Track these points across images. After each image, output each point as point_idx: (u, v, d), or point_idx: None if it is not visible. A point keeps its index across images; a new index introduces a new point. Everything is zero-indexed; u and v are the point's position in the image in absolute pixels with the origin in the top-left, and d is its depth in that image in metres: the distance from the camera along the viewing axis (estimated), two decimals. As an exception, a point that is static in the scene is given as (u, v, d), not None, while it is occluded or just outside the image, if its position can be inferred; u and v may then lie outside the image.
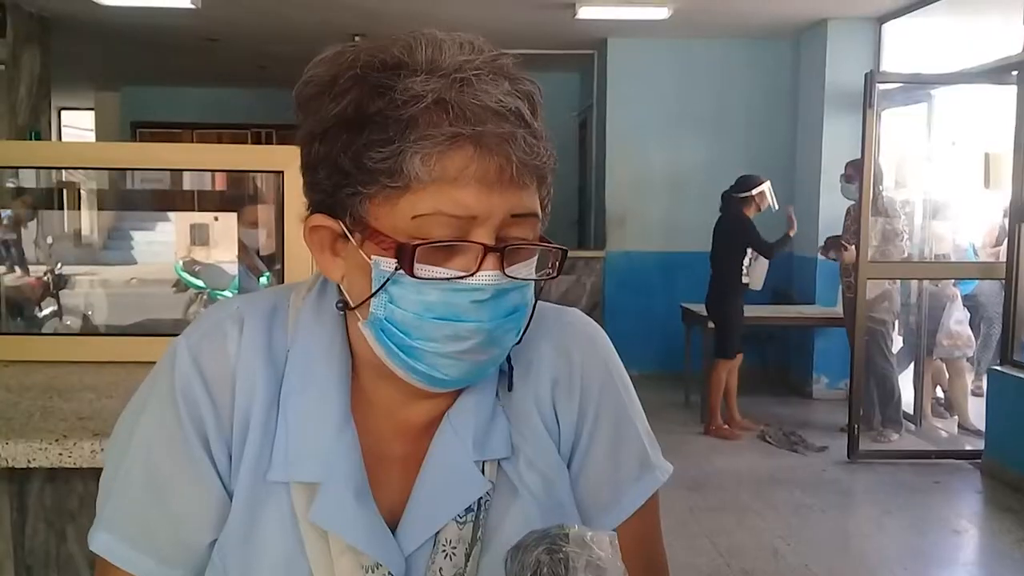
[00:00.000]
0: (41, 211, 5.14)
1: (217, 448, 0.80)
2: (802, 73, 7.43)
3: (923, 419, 6.13)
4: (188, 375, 0.80)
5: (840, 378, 6.71)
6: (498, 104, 0.72)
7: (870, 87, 5.11)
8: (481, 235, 0.74)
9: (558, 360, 0.88)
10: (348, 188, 0.75)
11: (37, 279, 4.10)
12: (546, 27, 7.09)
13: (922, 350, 6.15)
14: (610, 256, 7.76)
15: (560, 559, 0.65)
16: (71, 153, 2.30)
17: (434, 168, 0.72)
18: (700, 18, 6.83)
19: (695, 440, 5.83)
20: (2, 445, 1.54)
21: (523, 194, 0.75)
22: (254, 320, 0.83)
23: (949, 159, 6.33)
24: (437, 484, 0.80)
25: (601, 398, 0.89)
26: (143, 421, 0.82)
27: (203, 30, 7.32)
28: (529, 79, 0.77)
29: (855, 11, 6.62)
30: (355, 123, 0.73)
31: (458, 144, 0.72)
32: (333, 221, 0.78)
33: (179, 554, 0.80)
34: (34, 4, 6.54)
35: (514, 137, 0.73)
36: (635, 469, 0.89)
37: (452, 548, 0.79)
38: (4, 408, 1.75)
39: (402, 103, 0.72)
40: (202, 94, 11.07)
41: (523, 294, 0.79)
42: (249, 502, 0.79)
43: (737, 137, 7.57)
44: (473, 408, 0.83)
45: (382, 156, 0.72)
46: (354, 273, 0.79)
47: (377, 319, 0.77)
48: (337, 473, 0.78)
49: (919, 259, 6.02)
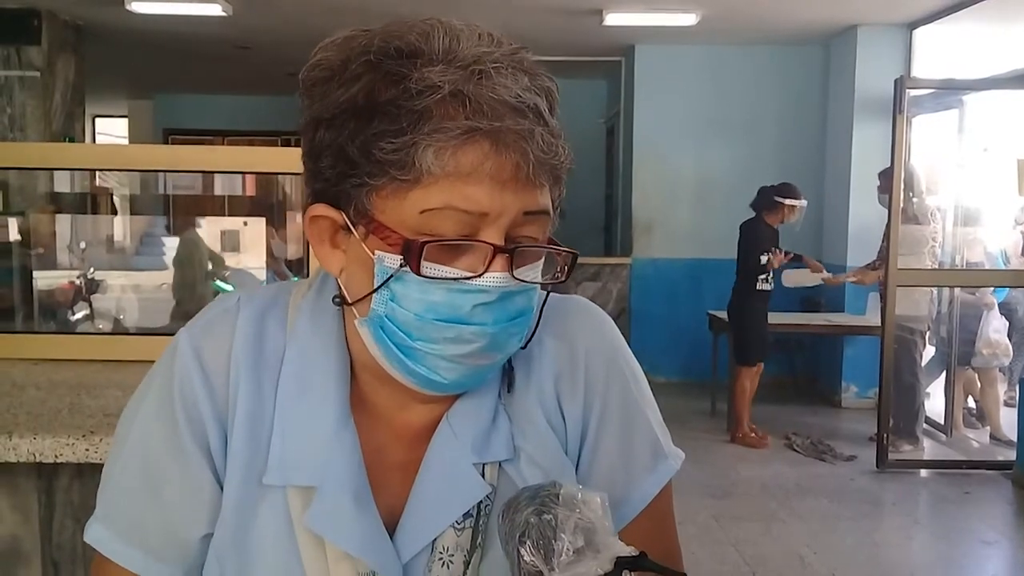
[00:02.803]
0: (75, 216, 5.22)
1: (215, 441, 0.78)
2: (831, 80, 7.37)
3: (954, 429, 6.04)
4: (188, 367, 0.78)
5: (869, 387, 6.63)
6: (516, 99, 0.69)
7: (900, 92, 5.06)
8: (491, 234, 0.71)
9: (560, 352, 0.84)
10: (354, 179, 0.71)
11: (70, 283, 4.16)
12: (574, 33, 7.10)
13: (953, 359, 6.07)
14: (636, 263, 7.73)
15: (548, 521, 0.63)
16: (104, 155, 2.34)
17: (447, 162, 0.68)
18: (728, 25, 6.80)
19: (721, 448, 5.79)
20: (30, 440, 1.56)
21: (537, 193, 0.72)
22: (249, 314, 0.81)
23: (981, 166, 6.25)
24: (435, 488, 0.77)
25: (607, 389, 0.85)
26: (141, 413, 0.80)
27: (235, 38, 7.40)
28: (548, 75, 0.74)
29: (885, 17, 6.56)
30: (365, 111, 0.70)
31: (474, 139, 0.68)
32: (335, 212, 0.75)
33: (170, 548, 0.78)
34: (68, 12, 6.64)
35: (532, 134, 0.69)
36: (647, 459, 0.85)
37: (449, 556, 0.76)
38: (33, 404, 1.78)
39: (417, 93, 0.68)
40: (233, 102, 11.19)
41: (529, 298, 0.76)
42: (244, 504, 0.77)
43: (766, 144, 7.52)
44: (473, 409, 0.80)
45: (393, 147, 0.68)
46: (354, 267, 0.75)
47: (377, 317, 0.74)
48: (334, 477, 0.76)
49: (950, 267, 5.96)
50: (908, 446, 5.62)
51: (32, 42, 6.46)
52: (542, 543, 0.63)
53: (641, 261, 7.73)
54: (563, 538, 0.63)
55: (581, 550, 0.63)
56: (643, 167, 7.72)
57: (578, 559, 0.63)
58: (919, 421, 5.69)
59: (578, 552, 0.63)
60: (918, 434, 5.67)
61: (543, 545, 0.63)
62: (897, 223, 5.15)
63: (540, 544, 0.63)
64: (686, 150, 7.60)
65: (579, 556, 0.63)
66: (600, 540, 0.64)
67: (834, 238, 7.16)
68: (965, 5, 5.92)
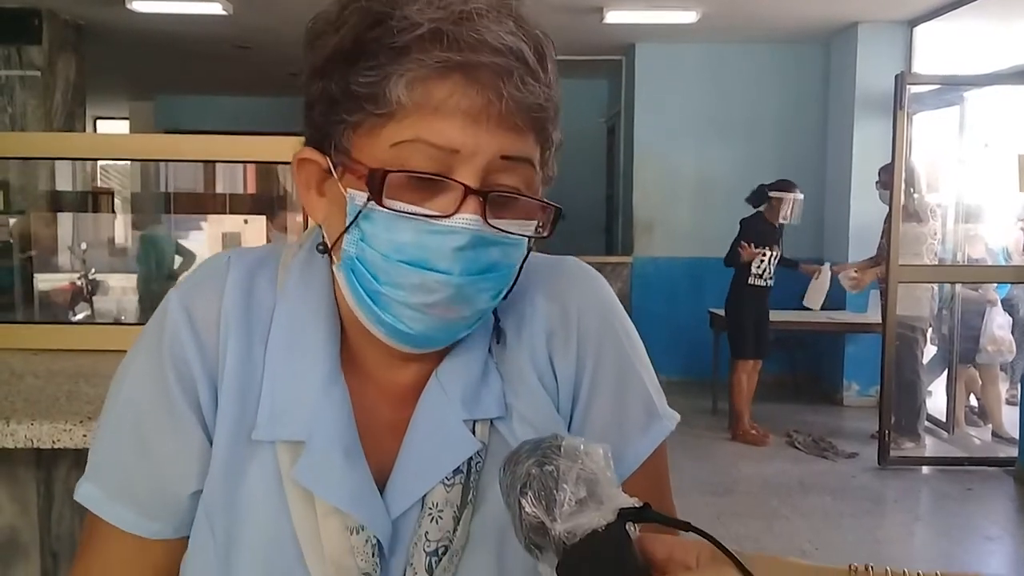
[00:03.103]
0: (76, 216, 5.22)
1: (204, 398, 0.77)
2: (832, 77, 7.37)
3: (956, 426, 6.03)
4: (177, 325, 0.78)
5: (871, 385, 6.62)
6: (498, 40, 0.68)
7: (901, 88, 5.05)
8: (464, 175, 0.69)
9: (552, 310, 0.83)
10: (335, 116, 0.71)
11: (71, 284, 4.16)
12: (574, 32, 7.10)
13: (955, 356, 6.06)
14: (638, 262, 7.72)
15: (550, 472, 0.62)
16: (103, 144, 2.33)
17: (418, 93, 0.68)
18: (728, 22, 6.80)
19: (723, 446, 5.78)
20: (28, 426, 1.56)
21: (516, 136, 0.70)
22: (239, 272, 0.80)
23: (982, 162, 6.24)
24: (425, 444, 0.76)
25: (600, 348, 0.83)
26: (131, 372, 0.80)
27: (235, 37, 7.41)
28: (540, 26, 0.73)
29: (885, 15, 6.56)
30: (351, 53, 0.70)
31: (447, 72, 0.68)
32: (320, 155, 0.74)
33: (160, 505, 0.77)
34: (69, 11, 6.65)
35: (509, 72, 0.68)
36: (641, 418, 0.84)
37: (439, 511, 0.75)
38: (31, 392, 1.77)
39: (398, 31, 0.68)
40: (235, 103, 11.19)
41: (506, 252, 0.74)
42: (233, 461, 0.76)
43: (766, 142, 7.52)
44: (462, 366, 0.79)
45: (368, 81, 0.68)
46: (333, 210, 0.75)
47: (349, 258, 0.73)
48: (323, 431, 0.75)
49: (951, 263, 5.95)
50: (910, 443, 5.60)
51: (33, 41, 6.47)
52: (544, 494, 0.62)
53: (642, 260, 7.73)
54: (565, 489, 0.62)
55: (583, 501, 0.62)
56: (644, 166, 7.72)
57: (580, 510, 0.62)
58: (921, 419, 5.68)
59: (580, 503, 0.62)
60: (920, 431, 5.65)
61: (545, 496, 0.62)
62: (898, 219, 5.15)
63: (542, 495, 0.62)
64: (687, 149, 7.60)
65: (581, 507, 0.62)
66: (603, 491, 0.63)
67: (835, 235, 7.15)
68: (964, 2, 5.93)
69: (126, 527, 0.78)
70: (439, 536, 0.74)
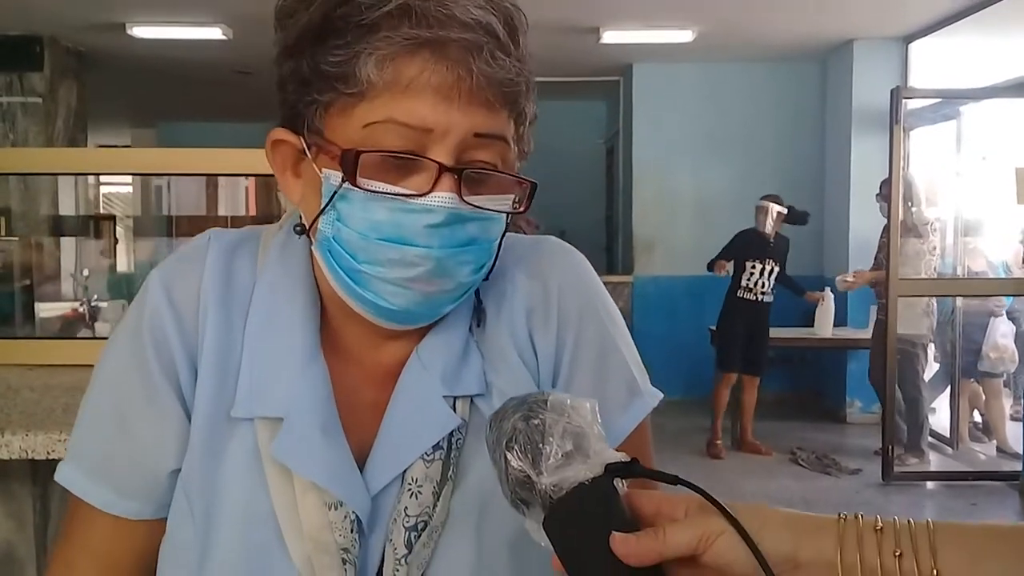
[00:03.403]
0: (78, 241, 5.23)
1: (184, 375, 0.77)
2: (829, 94, 7.41)
3: (960, 442, 6.00)
4: (158, 302, 0.78)
5: (874, 401, 6.59)
6: (466, 15, 0.68)
7: (896, 103, 5.08)
8: (437, 153, 0.69)
9: (532, 288, 0.83)
10: (307, 96, 0.71)
11: (73, 311, 4.16)
12: (572, 53, 7.14)
13: (957, 371, 6.04)
14: (638, 281, 7.73)
15: (536, 426, 0.61)
16: (104, 159, 2.34)
17: (387, 72, 0.68)
18: (724, 41, 6.84)
19: (726, 463, 5.75)
20: (23, 436, 1.56)
21: (488, 113, 0.70)
22: (217, 249, 0.81)
23: (980, 175, 6.26)
24: (405, 420, 0.76)
25: (581, 324, 0.83)
26: (112, 352, 0.80)
27: (235, 63, 7.46)
28: (511, 1, 0.73)
29: (880, 31, 6.61)
30: (320, 31, 0.70)
31: (414, 48, 0.68)
32: (294, 136, 0.74)
33: (139, 485, 0.77)
34: (70, 39, 6.71)
35: (478, 47, 0.68)
36: (622, 395, 0.83)
37: (419, 487, 0.74)
38: (27, 405, 1.77)
39: (366, 8, 0.68)
40: (235, 129, 11.23)
41: (484, 227, 0.74)
42: (212, 438, 0.76)
43: (765, 159, 7.54)
44: (443, 343, 0.79)
45: (337, 60, 0.68)
46: (309, 192, 0.75)
47: (325, 239, 0.73)
48: (302, 408, 0.74)
49: (952, 276, 5.95)
50: (914, 459, 5.57)
51: (34, 68, 6.53)
52: (530, 448, 0.61)
53: (643, 279, 7.73)
54: (551, 442, 0.61)
55: (570, 454, 0.61)
56: (643, 186, 7.74)
57: (567, 463, 0.61)
58: (924, 434, 5.65)
59: (567, 456, 0.61)
60: (924, 447, 5.63)
61: (531, 450, 0.61)
62: (897, 234, 5.15)
63: (528, 449, 0.61)
64: (686, 168, 7.62)
65: (568, 460, 0.61)
66: (590, 445, 0.62)
67: (835, 251, 7.16)
68: (959, 17, 5.96)
69: (106, 508, 0.78)
70: (418, 512, 0.74)
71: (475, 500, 0.76)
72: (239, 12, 5.89)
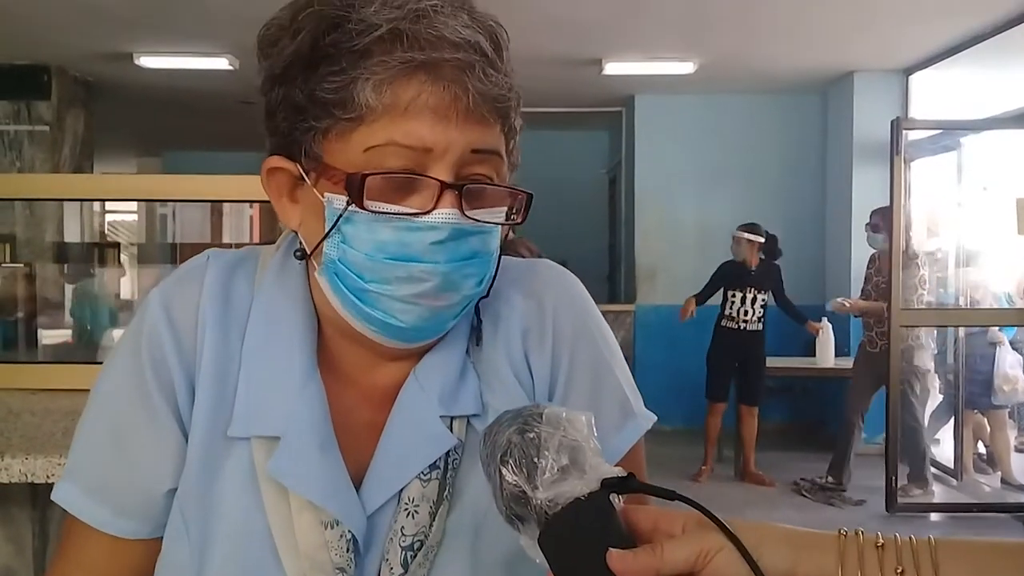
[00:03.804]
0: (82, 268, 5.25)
1: (182, 394, 0.77)
2: (830, 125, 7.45)
3: (964, 473, 5.96)
4: (156, 321, 0.78)
5: (877, 432, 6.55)
6: (455, 35, 0.70)
7: (897, 134, 5.11)
8: (438, 171, 0.71)
9: (528, 308, 0.84)
10: (303, 124, 0.72)
11: (76, 338, 4.19)
12: (574, 85, 7.20)
13: (961, 401, 6.01)
14: (640, 310, 7.73)
15: (532, 439, 0.60)
16: (109, 185, 2.35)
17: (386, 96, 0.69)
18: (725, 73, 6.89)
19: (729, 493, 5.72)
20: (23, 460, 1.56)
21: (483, 129, 0.72)
22: (216, 269, 0.81)
23: (981, 205, 6.27)
24: (402, 440, 0.76)
25: (575, 345, 0.84)
26: (110, 370, 0.80)
27: (241, 93, 7.51)
28: (492, 17, 0.75)
29: (880, 64, 6.66)
30: (311, 59, 0.71)
31: (411, 71, 0.69)
32: (291, 163, 0.75)
33: (136, 504, 0.77)
34: (78, 68, 6.78)
35: (471, 66, 0.70)
36: (616, 417, 0.83)
37: (415, 506, 0.74)
38: (27, 429, 1.77)
39: (356, 33, 0.69)
40: (240, 158, 11.24)
41: (484, 240, 0.75)
42: (209, 457, 0.76)
43: (766, 189, 7.57)
44: (441, 364, 0.79)
45: (334, 86, 0.69)
46: (310, 217, 0.76)
47: (331, 262, 0.74)
48: (299, 426, 0.75)
49: (954, 307, 5.94)
50: (918, 490, 5.54)
51: (42, 97, 6.59)
52: (525, 462, 0.60)
53: (644, 308, 7.73)
54: (547, 456, 0.60)
55: (566, 469, 0.60)
56: (645, 215, 7.77)
57: (563, 478, 0.60)
58: (927, 464, 5.62)
59: (563, 471, 0.60)
60: (927, 477, 5.59)
61: (526, 464, 0.60)
62: (899, 264, 5.15)
63: (523, 463, 0.60)
64: (687, 198, 7.65)
65: (564, 475, 0.60)
66: (586, 460, 0.61)
67: (837, 281, 7.15)
68: (958, 50, 6.01)
69: (102, 527, 0.77)
70: (415, 531, 0.74)
71: (471, 520, 0.76)
72: (246, 43, 5.86)
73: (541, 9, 5.12)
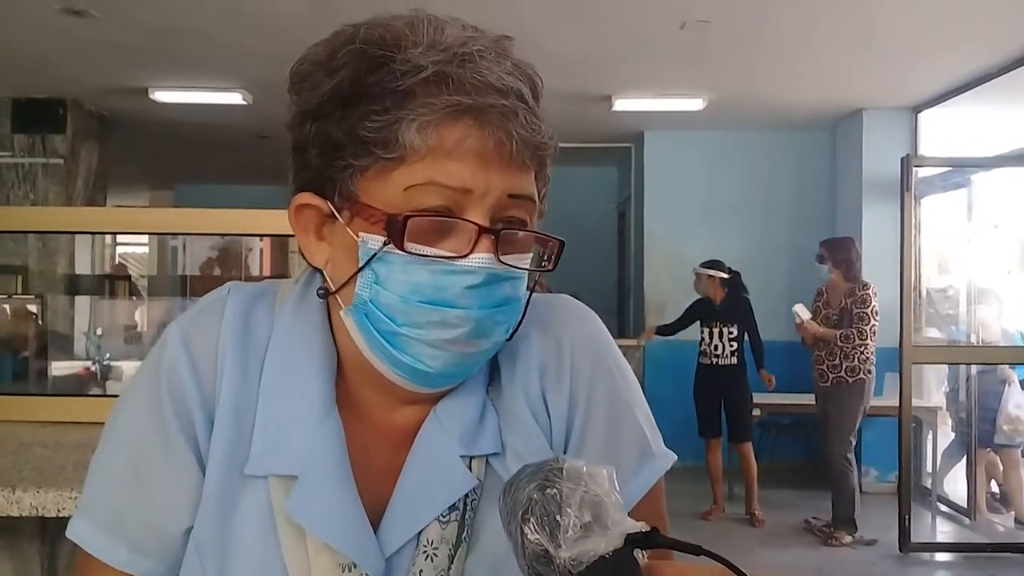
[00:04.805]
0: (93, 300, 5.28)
1: (201, 430, 0.76)
2: (839, 162, 7.46)
3: (977, 512, 5.89)
4: (176, 355, 0.77)
5: (890, 471, 6.50)
6: (500, 81, 0.70)
7: (907, 170, 5.12)
8: (476, 215, 0.70)
9: (545, 346, 0.82)
10: (340, 161, 0.71)
11: (85, 369, 4.19)
12: (585, 121, 7.25)
13: (974, 440, 5.96)
14: (649, 345, 7.70)
15: (552, 496, 0.59)
16: (121, 218, 2.38)
17: (430, 137, 0.68)
18: (734, 110, 6.93)
19: (740, 531, 5.66)
20: (34, 494, 1.55)
21: (522, 175, 0.72)
22: (236, 302, 0.80)
23: (991, 243, 6.26)
24: (421, 480, 0.75)
25: (593, 384, 0.82)
26: (128, 405, 0.79)
27: (254, 127, 7.59)
28: (531, 65, 0.75)
29: (889, 102, 6.68)
30: (351, 96, 0.70)
31: (457, 115, 0.69)
32: (321, 200, 0.74)
33: (153, 542, 0.76)
34: (93, 102, 6.85)
35: (515, 113, 0.70)
36: (634, 459, 0.82)
37: (434, 549, 0.73)
38: (39, 462, 1.77)
39: (401, 74, 0.69)
40: (252, 191, 11.35)
41: (515, 286, 0.75)
42: (225, 495, 0.74)
43: (775, 226, 7.57)
44: (461, 404, 0.78)
45: (377, 125, 0.69)
46: (340, 255, 0.75)
47: (362, 302, 0.73)
48: (317, 466, 0.73)
49: (966, 344, 5.91)
50: (848, 537, 5.39)
51: (57, 130, 6.66)
52: (546, 520, 0.58)
53: (653, 343, 7.70)
54: (569, 513, 0.58)
55: (589, 525, 0.58)
56: (654, 250, 7.77)
57: (586, 535, 0.58)
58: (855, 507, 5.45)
59: (585, 528, 0.58)
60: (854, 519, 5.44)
61: (548, 522, 0.58)
62: (911, 300, 5.15)
63: (544, 521, 0.58)
64: (696, 233, 7.65)
65: (587, 532, 0.58)
66: (608, 515, 0.59)
67: (848, 319, 7.12)
68: (967, 88, 6.03)
69: (119, 565, 0.76)
70: (434, 574, 0.73)
71: (490, 562, 0.75)
72: (260, 78, 6.02)
73: (552, 46, 5.18)
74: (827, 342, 5.38)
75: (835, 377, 5.38)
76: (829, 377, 5.41)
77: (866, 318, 5.27)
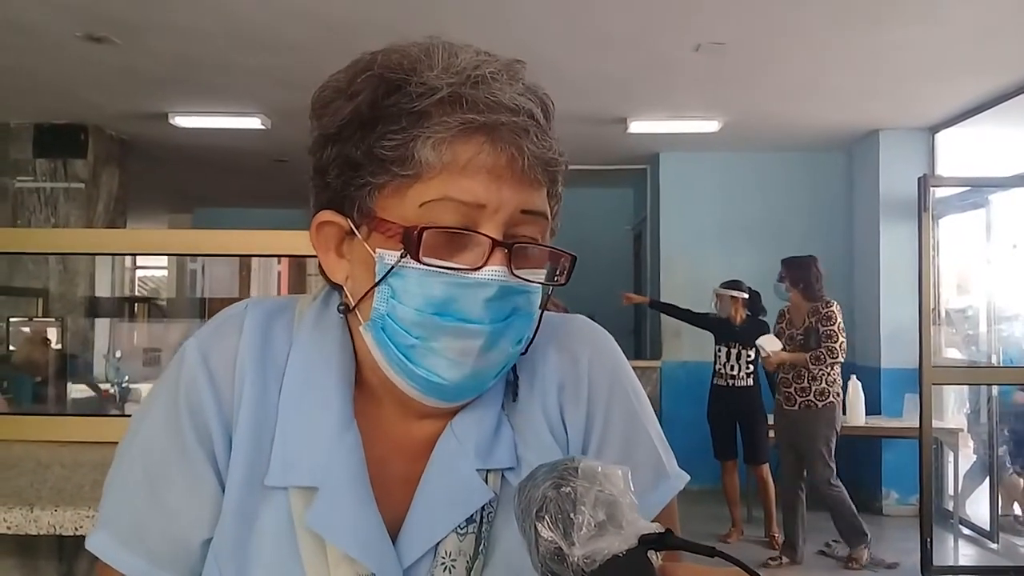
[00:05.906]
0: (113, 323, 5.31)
1: (219, 444, 0.78)
2: (856, 183, 7.44)
3: (1000, 534, 5.81)
4: (194, 369, 0.79)
5: (911, 493, 6.43)
6: (512, 101, 0.73)
7: (924, 190, 5.10)
8: (488, 228, 0.73)
9: (564, 364, 0.85)
10: (358, 180, 0.74)
11: (105, 392, 4.22)
12: (600, 142, 7.27)
13: (995, 462, 5.89)
14: (666, 366, 7.68)
15: (567, 494, 0.59)
16: (140, 240, 2.40)
17: (445, 154, 0.71)
18: (750, 131, 6.93)
19: (759, 554, 5.60)
20: (52, 512, 1.57)
21: (534, 191, 0.75)
22: (255, 318, 0.82)
23: (1011, 263, 6.21)
24: (439, 493, 0.77)
25: (610, 403, 0.84)
26: (147, 419, 0.80)
27: (273, 151, 7.66)
28: (542, 88, 0.78)
29: (906, 122, 6.66)
30: (369, 119, 0.74)
31: (471, 132, 0.72)
32: (341, 217, 0.77)
33: (172, 554, 0.77)
34: (114, 127, 6.94)
35: (526, 130, 0.73)
36: (649, 478, 0.83)
37: (452, 560, 0.75)
38: (57, 481, 1.79)
39: (417, 96, 0.72)
40: (270, 215, 11.43)
41: (528, 300, 0.77)
42: (245, 507, 0.76)
43: (792, 247, 7.47)
44: (477, 418, 0.80)
45: (393, 144, 0.72)
46: (358, 271, 0.77)
47: (379, 316, 0.75)
48: (336, 477, 0.75)
49: (986, 365, 5.85)
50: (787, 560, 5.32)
51: (79, 155, 6.75)
52: (561, 518, 0.59)
53: (671, 364, 7.69)
54: (583, 511, 0.59)
55: (603, 524, 0.59)
56: (670, 272, 7.77)
57: (600, 534, 0.59)
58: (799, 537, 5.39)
59: (600, 526, 0.59)
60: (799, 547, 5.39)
61: (562, 520, 0.59)
62: (928, 322, 5.11)
63: (559, 519, 0.59)
64: (712, 254, 7.63)
65: (601, 531, 0.59)
66: (623, 515, 0.60)
67: (867, 340, 7.08)
68: (984, 108, 6.01)
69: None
70: None
71: (505, 574, 0.76)
72: (278, 104, 6.08)
73: (567, 68, 5.21)
74: (795, 365, 5.30)
75: (803, 401, 5.29)
76: (797, 401, 5.31)
77: (834, 335, 5.21)
